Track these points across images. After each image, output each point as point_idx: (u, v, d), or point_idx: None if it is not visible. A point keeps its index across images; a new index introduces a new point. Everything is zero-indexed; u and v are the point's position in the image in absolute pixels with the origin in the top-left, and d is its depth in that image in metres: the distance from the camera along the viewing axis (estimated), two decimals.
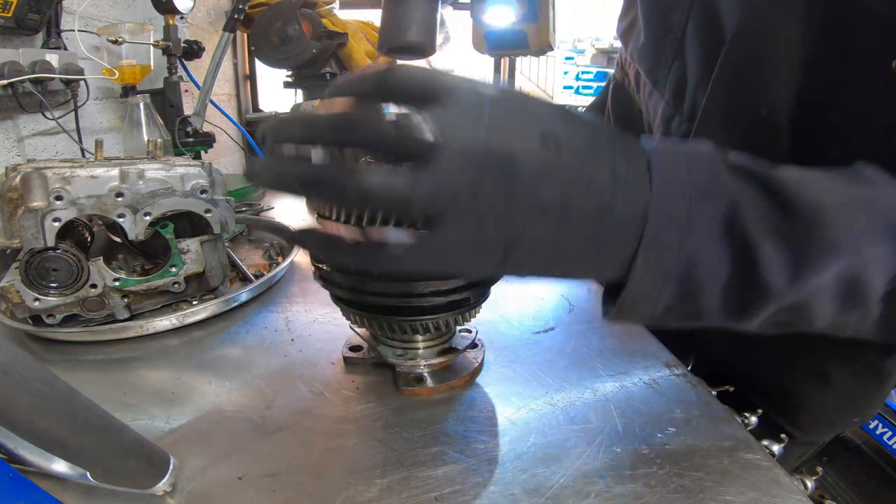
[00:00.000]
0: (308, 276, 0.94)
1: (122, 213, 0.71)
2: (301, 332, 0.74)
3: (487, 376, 0.63)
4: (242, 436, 0.52)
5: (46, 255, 0.69)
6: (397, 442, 0.51)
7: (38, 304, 0.69)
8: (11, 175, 0.67)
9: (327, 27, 2.08)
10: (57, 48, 1.21)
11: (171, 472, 0.45)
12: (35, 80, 1.09)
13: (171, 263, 0.76)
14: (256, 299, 0.85)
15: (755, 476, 0.46)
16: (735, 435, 0.52)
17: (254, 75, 2.94)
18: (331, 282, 0.56)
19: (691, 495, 0.45)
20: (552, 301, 0.82)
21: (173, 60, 1.55)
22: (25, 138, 1.21)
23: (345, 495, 0.45)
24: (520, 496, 0.45)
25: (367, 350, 0.65)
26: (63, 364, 0.67)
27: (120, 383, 0.63)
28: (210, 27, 2.35)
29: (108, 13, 1.51)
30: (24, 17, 1.07)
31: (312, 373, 0.64)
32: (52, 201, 0.67)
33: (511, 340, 0.70)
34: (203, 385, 0.62)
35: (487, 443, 0.51)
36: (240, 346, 0.71)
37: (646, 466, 0.48)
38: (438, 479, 0.46)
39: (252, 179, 0.36)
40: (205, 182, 0.77)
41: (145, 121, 1.38)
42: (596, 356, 0.67)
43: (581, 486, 0.45)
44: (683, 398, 0.58)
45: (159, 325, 0.73)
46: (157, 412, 0.56)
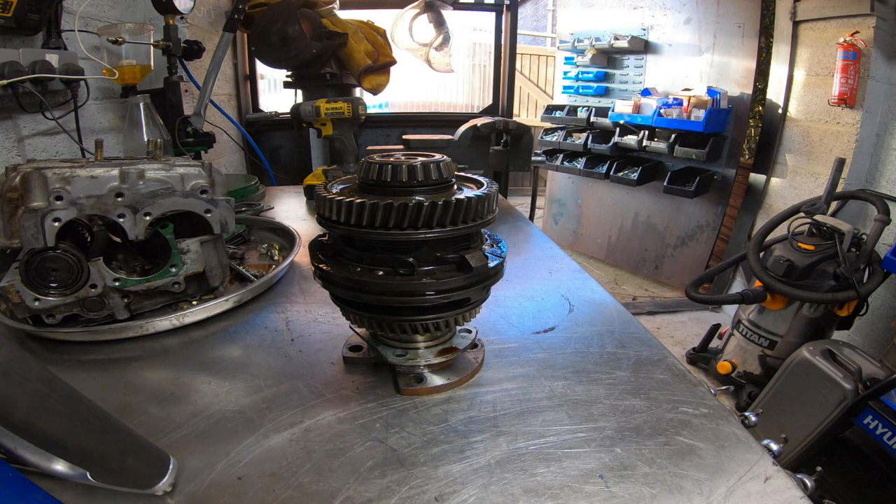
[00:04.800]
0: (308, 276, 0.94)
1: (122, 213, 0.71)
2: (301, 332, 0.74)
3: (487, 376, 0.63)
4: (242, 436, 0.52)
5: (46, 255, 0.68)
6: (397, 442, 0.51)
7: (38, 304, 0.69)
8: (11, 175, 0.67)
9: (327, 27, 2.08)
10: (57, 48, 1.21)
11: (171, 472, 0.45)
12: (35, 80, 1.09)
13: (171, 263, 0.76)
14: (256, 299, 0.85)
15: (755, 475, 0.46)
16: (735, 435, 0.52)
17: (254, 75, 2.94)
18: (331, 282, 0.56)
19: (691, 495, 0.45)
20: (552, 301, 0.82)
21: (173, 60, 1.55)
22: (25, 138, 1.21)
23: (345, 495, 0.45)
24: (520, 496, 0.45)
25: (367, 350, 0.65)
26: (63, 364, 0.67)
27: (120, 383, 0.63)
28: (210, 27, 2.35)
29: (108, 13, 1.51)
30: (24, 17, 1.07)
31: (312, 373, 0.64)
32: (52, 201, 0.67)
33: (511, 340, 0.70)
34: (203, 385, 0.62)
35: (487, 443, 0.51)
36: (240, 346, 0.71)
37: (646, 466, 0.48)
38: (438, 479, 0.46)
39: None
40: (205, 182, 0.77)
41: (145, 121, 1.38)
42: (596, 357, 0.67)
43: (581, 486, 0.45)
44: (684, 399, 0.58)
45: (159, 325, 0.73)
46: (157, 412, 0.56)
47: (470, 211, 0.52)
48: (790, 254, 2.02)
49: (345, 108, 1.42)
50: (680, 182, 3.09)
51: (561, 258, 1.03)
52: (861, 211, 2.35)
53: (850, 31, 2.31)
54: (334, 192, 0.55)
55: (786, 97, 2.78)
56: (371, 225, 0.51)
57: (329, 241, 0.61)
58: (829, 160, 2.37)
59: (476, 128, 1.86)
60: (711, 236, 3.24)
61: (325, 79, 2.19)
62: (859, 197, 2.15)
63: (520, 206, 1.69)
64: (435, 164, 0.54)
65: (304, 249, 0.71)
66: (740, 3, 2.95)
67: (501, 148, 1.90)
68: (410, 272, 0.53)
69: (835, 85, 2.36)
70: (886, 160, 2.34)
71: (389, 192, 0.53)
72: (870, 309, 2.00)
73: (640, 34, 3.40)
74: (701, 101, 2.89)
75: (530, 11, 8.64)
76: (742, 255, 2.27)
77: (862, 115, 2.33)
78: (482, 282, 0.56)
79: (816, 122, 2.61)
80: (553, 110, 3.85)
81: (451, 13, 2.80)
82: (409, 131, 3.10)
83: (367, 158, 0.55)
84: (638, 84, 3.47)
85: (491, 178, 0.60)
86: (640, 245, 3.69)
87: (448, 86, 4.77)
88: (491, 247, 0.60)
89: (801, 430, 1.64)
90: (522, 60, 6.08)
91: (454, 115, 3.75)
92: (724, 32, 3.05)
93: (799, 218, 2.13)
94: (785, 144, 2.82)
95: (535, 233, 1.24)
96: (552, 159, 3.76)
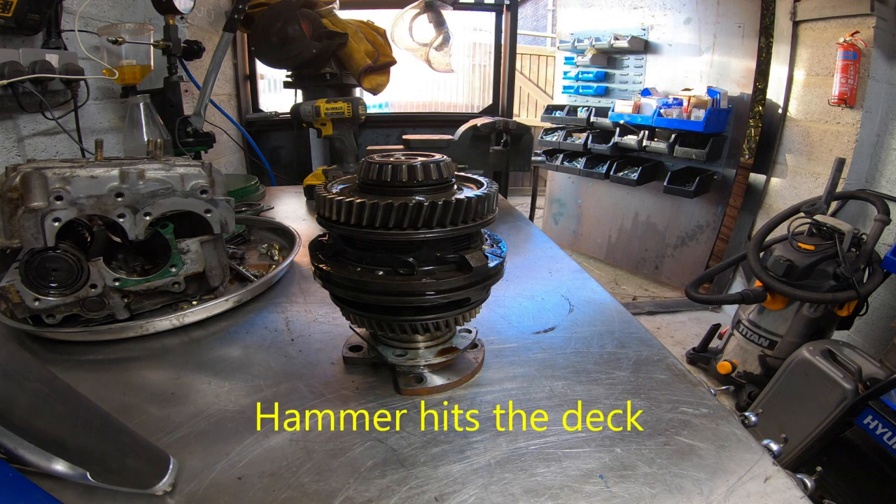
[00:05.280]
0: (308, 276, 0.94)
1: (122, 213, 0.71)
2: (301, 332, 0.74)
3: (487, 376, 0.62)
4: (242, 436, 0.52)
5: (46, 255, 0.68)
6: (397, 442, 0.51)
7: (38, 304, 0.69)
8: (11, 175, 0.67)
9: (327, 27, 2.08)
10: (57, 48, 1.21)
11: (171, 472, 0.45)
12: (35, 80, 1.09)
13: (171, 263, 0.76)
14: (256, 299, 0.85)
15: (755, 475, 0.46)
16: (735, 435, 0.52)
17: (254, 75, 2.94)
18: (331, 282, 0.56)
19: (691, 495, 0.45)
20: (552, 301, 0.82)
21: (173, 60, 1.55)
22: (25, 138, 1.21)
23: (345, 495, 0.45)
24: (520, 496, 0.45)
25: (367, 350, 0.65)
26: (63, 364, 0.67)
27: (120, 383, 0.63)
28: (210, 27, 2.35)
29: (108, 13, 1.51)
30: (24, 17, 1.07)
31: (312, 373, 0.64)
32: (52, 201, 0.67)
33: (511, 340, 0.70)
34: (203, 385, 0.62)
35: (487, 443, 0.51)
36: (240, 346, 0.71)
37: (646, 466, 0.48)
38: (438, 479, 0.46)
39: None
40: (205, 182, 0.77)
41: (145, 121, 1.38)
42: (596, 357, 0.67)
43: (581, 486, 0.45)
44: (684, 398, 0.58)
45: (159, 326, 0.73)
46: (157, 412, 0.56)
47: (470, 211, 0.52)
48: (790, 254, 2.02)
49: (345, 108, 1.42)
50: (680, 182, 3.09)
51: (561, 258, 1.03)
52: (861, 211, 2.35)
53: (850, 31, 2.31)
54: (334, 192, 0.55)
55: (786, 97, 2.78)
56: (371, 225, 0.51)
57: (329, 241, 0.61)
58: (829, 160, 2.37)
59: (476, 128, 1.86)
60: (711, 236, 3.24)
61: (325, 79, 2.19)
62: (859, 197, 2.15)
63: (520, 206, 1.69)
64: (435, 164, 0.54)
65: (304, 249, 0.71)
66: (740, 3, 2.95)
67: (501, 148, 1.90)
68: (410, 272, 0.53)
69: (835, 85, 2.36)
70: (886, 160, 2.34)
71: (389, 192, 0.53)
72: (870, 309, 2.00)
73: (640, 34, 3.40)
74: (701, 101, 2.89)
75: (530, 11, 8.64)
76: (742, 255, 2.27)
77: (862, 115, 2.33)
78: (482, 282, 0.56)
79: (816, 122, 2.61)
80: (553, 110, 3.85)
81: (451, 13, 2.80)
82: (409, 131, 3.10)
83: (367, 158, 0.55)
84: (638, 84, 3.47)
85: (491, 178, 0.60)
86: (640, 245, 3.69)
87: (448, 86, 4.77)
88: (491, 247, 0.60)
89: (801, 430, 1.64)
90: (522, 60, 6.08)
91: (454, 115, 3.75)
92: (724, 32, 3.05)
93: (799, 218, 2.13)
94: (785, 144, 2.82)
95: (535, 233, 1.24)
96: (552, 159, 3.76)
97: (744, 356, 2.22)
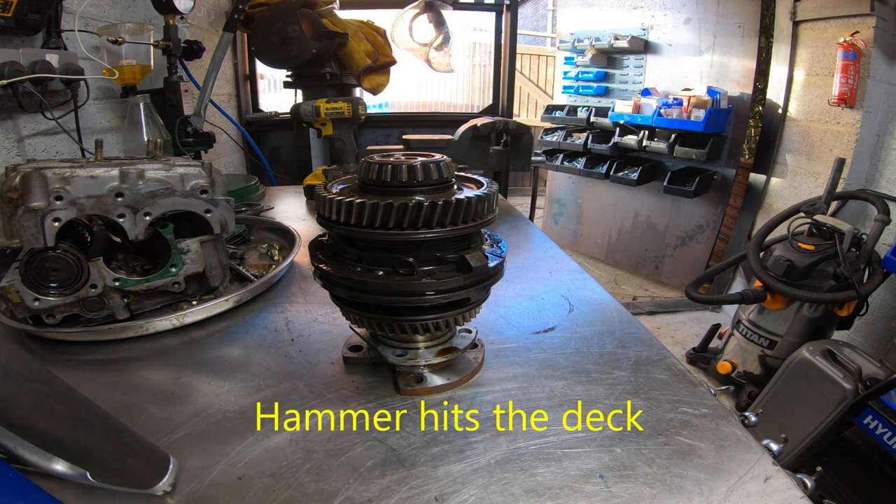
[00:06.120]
0: (308, 276, 0.94)
1: (122, 213, 0.71)
2: (301, 332, 0.74)
3: (487, 376, 0.62)
4: (242, 436, 0.52)
5: (46, 255, 0.68)
6: (397, 442, 0.51)
7: (38, 304, 0.69)
8: (11, 175, 0.67)
9: (327, 27, 2.08)
10: (57, 48, 1.21)
11: (171, 472, 0.45)
12: (35, 80, 1.09)
13: (171, 263, 0.76)
14: (256, 299, 0.85)
15: (755, 475, 0.46)
16: (735, 435, 0.52)
17: (254, 75, 2.94)
18: (331, 282, 0.56)
19: (691, 495, 0.45)
20: (552, 301, 0.82)
21: (173, 60, 1.55)
22: (25, 138, 1.21)
23: (345, 495, 0.45)
24: (520, 496, 0.45)
25: (367, 350, 0.65)
26: (63, 364, 0.67)
27: (120, 383, 0.63)
28: (210, 27, 2.35)
29: (108, 13, 1.51)
30: (24, 17, 1.07)
31: (312, 373, 0.64)
32: (52, 201, 0.67)
33: (511, 340, 0.70)
34: (203, 385, 0.62)
35: (487, 443, 0.51)
36: (240, 346, 0.71)
37: (646, 466, 0.48)
38: (438, 478, 0.46)
39: None
40: (205, 182, 0.77)
41: (145, 121, 1.38)
42: (596, 357, 0.67)
43: (581, 486, 0.45)
44: (684, 399, 0.58)
45: (159, 326, 0.73)
46: (157, 412, 0.56)
47: (470, 211, 0.52)
48: (790, 254, 2.02)
49: (345, 108, 1.42)
50: (680, 182, 3.09)
51: (561, 258, 1.03)
52: (861, 211, 2.35)
53: (850, 31, 2.31)
54: (334, 192, 0.55)
55: (786, 97, 2.78)
56: (371, 225, 0.51)
57: (329, 241, 0.61)
58: (829, 160, 2.37)
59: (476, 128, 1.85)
60: (711, 236, 3.24)
61: (325, 79, 2.19)
62: (859, 197, 2.15)
63: (520, 206, 1.69)
64: (435, 164, 0.54)
65: (304, 249, 0.71)
66: (740, 3, 2.95)
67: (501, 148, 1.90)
68: (410, 272, 0.53)
69: (835, 85, 2.36)
70: (886, 160, 2.34)
71: (389, 192, 0.53)
72: (870, 309, 2.00)
73: (640, 34, 3.40)
74: (701, 101, 2.89)
75: (530, 11, 8.64)
76: (742, 255, 2.27)
77: (862, 115, 2.33)
78: (482, 282, 0.56)
79: (816, 122, 2.61)
80: (553, 110, 3.85)
81: (451, 13, 2.80)
82: (409, 131, 3.10)
83: (366, 158, 0.55)
84: (638, 84, 3.47)
85: (491, 178, 0.60)
86: (640, 245, 3.69)
87: (448, 86, 4.77)
88: (491, 247, 0.60)
89: (801, 430, 1.64)
90: (522, 60, 6.08)
91: (454, 115, 3.75)
92: (724, 32, 3.05)
93: (799, 218, 2.13)
94: (785, 144, 2.82)
95: (535, 233, 1.24)
96: (552, 159, 3.76)
97: (744, 356, 2.22)
